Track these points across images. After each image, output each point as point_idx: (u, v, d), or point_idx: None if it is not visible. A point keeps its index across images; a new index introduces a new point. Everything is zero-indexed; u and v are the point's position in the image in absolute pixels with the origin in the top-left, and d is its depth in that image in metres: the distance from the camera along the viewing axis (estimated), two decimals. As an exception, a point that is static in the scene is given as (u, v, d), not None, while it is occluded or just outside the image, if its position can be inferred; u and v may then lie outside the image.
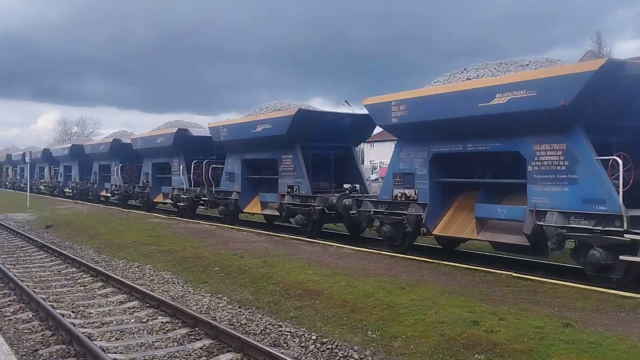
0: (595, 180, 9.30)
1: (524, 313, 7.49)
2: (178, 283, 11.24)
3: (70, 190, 36.95)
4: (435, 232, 12.32)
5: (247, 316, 8.69)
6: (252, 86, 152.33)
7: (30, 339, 7.83)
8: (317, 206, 15.58)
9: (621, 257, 8.82)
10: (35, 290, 10.53)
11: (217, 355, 7.11)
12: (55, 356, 7.13)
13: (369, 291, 8.87)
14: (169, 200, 23.67)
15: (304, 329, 7.89)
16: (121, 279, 11.24)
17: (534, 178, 10.16)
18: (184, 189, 22.28)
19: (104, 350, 7.01)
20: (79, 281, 11.74)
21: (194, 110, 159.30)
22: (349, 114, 17.87)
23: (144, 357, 7.08)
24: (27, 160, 35.09)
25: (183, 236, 16.41)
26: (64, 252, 14.80)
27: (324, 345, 7.27)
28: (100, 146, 30.59)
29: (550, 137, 9.94)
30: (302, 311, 8.59)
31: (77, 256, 14.38)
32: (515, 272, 10.19)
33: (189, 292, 10.49)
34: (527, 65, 11.30)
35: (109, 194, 30.50)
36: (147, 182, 25.87)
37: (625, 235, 8.74)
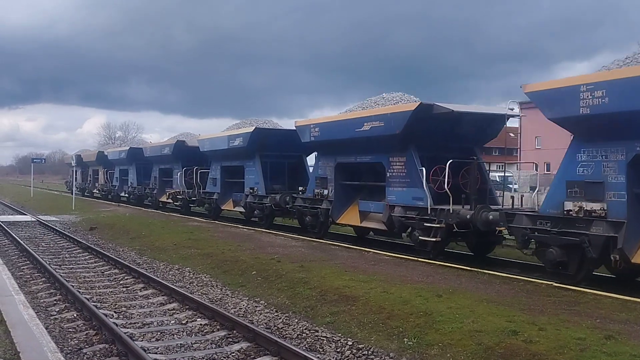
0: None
1: (565, 324, 7.35)
2: (217, 286, 11.41)
3: (127, 195, 35.87)
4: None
5: (284, 320, 8.77)
6: (292, 91, 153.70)
7: (74, 337, 8.09)
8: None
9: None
10: (79, 290, 10.86)
11: (255, 358, 7.20)
12: (98, 355, 7.35)
13: (405, 298, 8.84)
14: (239, 208, 22.20)
15: (340, 335, 7.92)
16: (162, 280, 11.49)
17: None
18: (258, 194, 20.56)
19: (145, 351, 7.18)
20: (121, 282, 12.05)
21: (234, 115, 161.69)
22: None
23: (183, 358, 7.23)
24: (73, 164, 36.10)
25: (222, 240, 16.64)
26: (107, 254, 15.21)
27: (360, 351, 7.28)
28: (163, 148, 29.01)
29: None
30: (339, 317, 8.62)
31: (119, 258, 14.76)
32: (556, 282, 10.00)
33: (227, 295, 10.65)
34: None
35: (169, 200, 28.70)
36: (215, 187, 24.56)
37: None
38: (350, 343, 7.55)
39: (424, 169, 13.27)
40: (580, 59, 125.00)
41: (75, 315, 9.28)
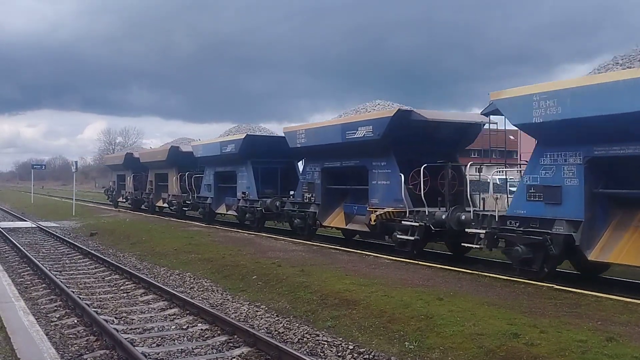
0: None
1: (566, 326, 7.33)
2: (217, 291, 11.40)
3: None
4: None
5: (285, 325, 8.76)
6: (292, 95, 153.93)
7: (75, 343, 8.08)
8: None
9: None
10: (80, 296, 10.85)
11: (255, 363, 7.18)
12: (99, 361, 7.33)
13: (406, 301, 8.83)
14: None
15: (341, 339, 7.91)
16: (162, 286, 11.47)
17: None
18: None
19: (145, 356, 7.18)
20: (122, 288, 12.04)
21: (234, 120, 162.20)
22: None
23: (184, 363, 7.21)
24: (74, 170, 36.04)
25: (222, 244, 16.63)
26: (108, 260, 15.21)
27: (361, 355, 7.27)
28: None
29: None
30: (339, 321, 8.61)
31: (120, 263, 14.75)
32: (557, 285, 9.99)
33: (228, 300, 10.64)
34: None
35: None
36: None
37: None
38: (351, 347, 7.53)
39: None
40: (581, 61, 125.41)
41: (75, 321, 9.27)
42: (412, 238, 13.53)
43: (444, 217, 12.80)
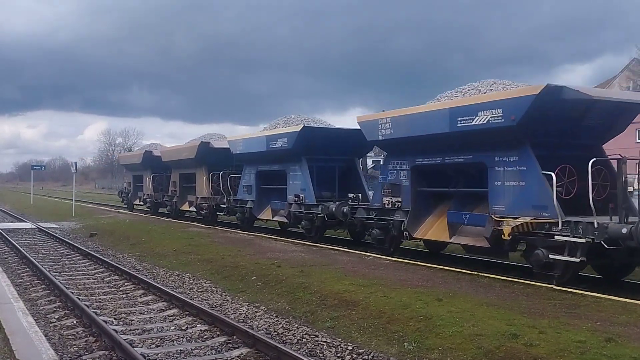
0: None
1: (565, 327, 7.34)
2: (217, 292, 11.40)
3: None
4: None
5: (284, 325, 8.75)
6: (293, 96, 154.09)
7: (74, 344, 8.08)
8: None
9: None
10: (79, 297, 10.84)
11: (254, 363, 7.18)
12: (98, 362, 7.33)
13: (405, 302, 8.83)
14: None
15: (340, 340, 7.91)
16: (162, 287, 11.47)
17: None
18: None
19: (144, 357, 7.18)
20: (121, 289, 12.04)
21: (235, 121, 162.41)
22: None
23: (183, 364, 7.21)
24: (73, 171, 35.98)
25: (222, 245, 16.64)
26: (107, 260, 15.20)
27: (360, 356, 7.27)
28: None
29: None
30: (339, 321, 8.61)
31: (119, 264, 14.75)
32: (555, 285, 9.99)
33: (227, 300, 10.63)
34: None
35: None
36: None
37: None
38: (350, 348, 7.53)
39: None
40: (582, 62, 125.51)
41: (74, 322, 9.27)
42: (573, 259, 9.85)
43: (624, 231, 9.07)
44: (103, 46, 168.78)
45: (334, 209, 16.28)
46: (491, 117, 11.21)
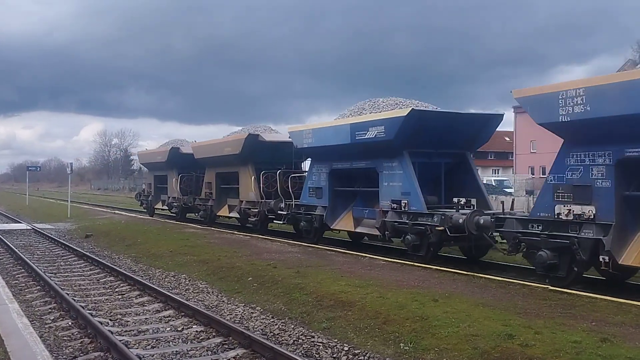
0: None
1: (560, 327, 7.35)
2: (212, 293, 11.38)
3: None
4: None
5: (280, 326, 8.75)
6: (289, 97, 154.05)
7: (69, 346, 8.05)
8: None
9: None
10: (75, 298, 10.81)
11: (250, 364, 7.17)
12: (93, 363, 7.31)
13: (401, 303, 8.83)
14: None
15: (336, 340, 7.90)
16: (157, 288, 11.45)
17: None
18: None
19: (140, 358, 7.16)
20: (116, 290, 12.01)
21: (231, 122, 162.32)
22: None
23: (178, 365, 7.19)
24: (69, 172, 35.91)
25: (218, 246, 16.61)
26: (103, 261, 15.16)
27: (356, 356, 7.26)
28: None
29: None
30: (335, 322, 8.60)
31: (115, 265, 14.71)
32: (551, 286, 10.00)
33: (223, 301, 10.62)
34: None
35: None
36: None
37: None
38: (346, 348, 7.53)
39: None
40: (578, 63, 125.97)
41: (70, 323, 9.23)
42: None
43: (461, 220, 11.73)
44: (100, 47, 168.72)
45: (461, 220, 11.95)
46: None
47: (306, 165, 19.56)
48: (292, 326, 8.71)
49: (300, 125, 18.19)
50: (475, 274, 11.25)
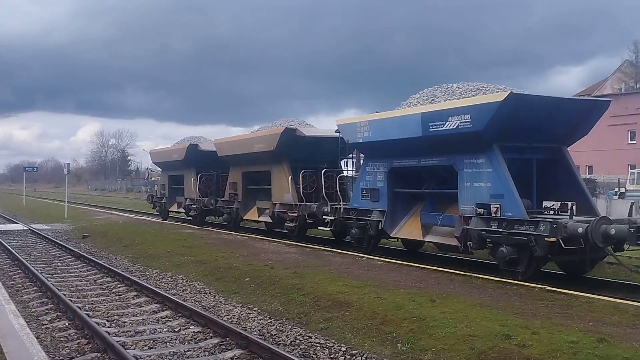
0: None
1: (558, 327, 7.36)
2: (210, 293, 11.37)
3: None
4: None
5: (277, 327, 8.74)
6: (287, 97, 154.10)
7: (66, 347, 8.03)
8: None
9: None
10: (71, 299, 10.78)
11: (248, 365, 7.16)
12: (90, 364, 7.29)
13: (399, 303, 8.83)
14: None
15: (333, 341, 7.89)
16: (155, 288, 11.43)
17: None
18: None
19: (137, 359, 7.14)
20: (113, 290, 11.98)
21: (229, 122, 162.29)
22: None
23: (175, 366, 7.18)
24: (66, 172, 35.80)
25: (215, 247, 16.59)
26: (100, 262, 15.13)
27: (354, 357, 7.26)
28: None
29: None
30: (332, 322, 8.60)
31: (112, 266, 14.68)
32: (548, 286, 10.02)
33: (221, 302, 10.60)
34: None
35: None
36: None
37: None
38: (343, 349, 7.52)
39: None
40: (575, 64, 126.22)
41: (67, 324, 9.21)
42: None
43: (581, 229, 9.65)
44: (98, 47, 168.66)
45: (581, 230, 9.68)
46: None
47: (347, 164, 18.39)
48: (290, 327, 8.70)
49: (354, 116, 16.45)
50: (473, 274, 11.26)
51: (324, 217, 16.04)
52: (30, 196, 58.19)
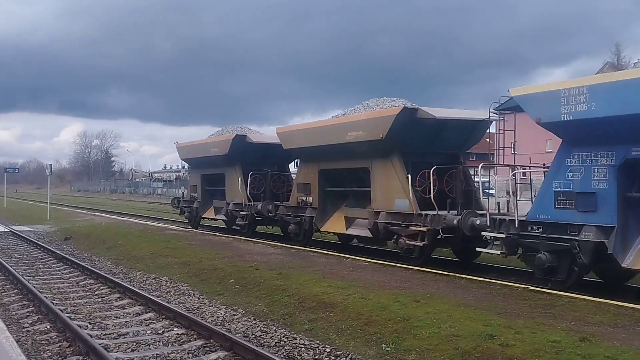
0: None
1: (540, 327, 7.42)
2: (194, 295, 11.30)
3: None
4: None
5: (262, 328, 8.71)
6: (273, 98, 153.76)
7: (47, 350, 7.92)
8: None
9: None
10: (53, 301, 10.65)
11: (232, 367, 7.12)
12: (72, 367, 7.20)
13: (383, 304, 8.85)
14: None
15: (318, 342, 7.88)
16: (138, 290, 11.33)
17: None
18: None
19: (119, 362, 7.07)
20: (96, 293, 11.86)
21: (214, 123, 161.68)
22: None
23: (159, 368, 7.12)
24: (48, 173, 35.38)
25: (199, 248, 16.50)
26: (83, 264, 14.97)
27: (338, 357, 7.25)
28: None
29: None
30: (317, 323, 8.59)
31: (95, 268, 14.53)
32: (531, 286, 10.10)
33: (205, 303, 10.54)
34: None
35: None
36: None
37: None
38: (328, 350, 7.52)
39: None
40: (558, 65, 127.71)
41: (48, 327, 9.09)
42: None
43: (455, 221, 11.85)
44: (81, 47, 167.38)
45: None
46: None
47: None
48: (274, 328, 8.68)
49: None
50: (457, 275, 11.31)
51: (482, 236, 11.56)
52: (11, 197, 57.47)
